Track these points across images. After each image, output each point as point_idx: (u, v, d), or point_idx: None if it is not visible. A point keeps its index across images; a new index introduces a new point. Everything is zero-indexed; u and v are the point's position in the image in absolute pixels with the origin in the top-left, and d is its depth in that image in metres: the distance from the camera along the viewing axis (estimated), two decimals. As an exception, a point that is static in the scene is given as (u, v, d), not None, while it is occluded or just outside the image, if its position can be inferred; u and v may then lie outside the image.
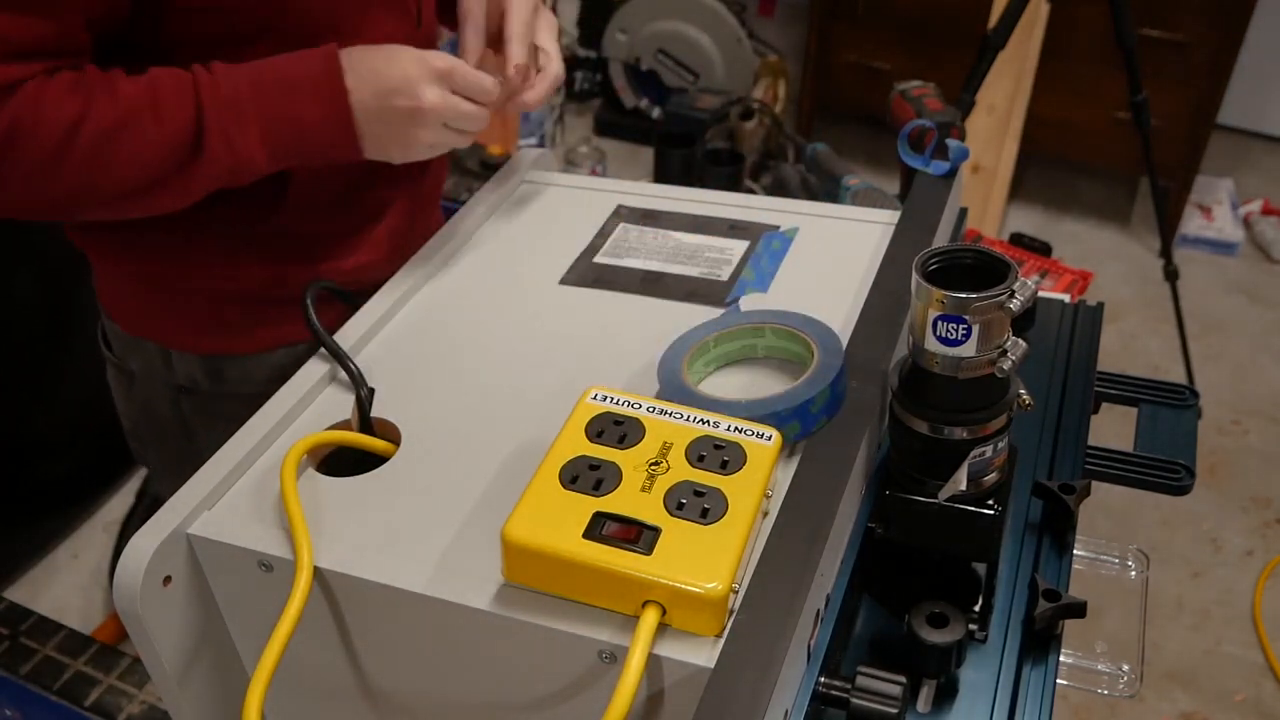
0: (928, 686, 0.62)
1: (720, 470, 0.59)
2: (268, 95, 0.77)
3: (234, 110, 0.76)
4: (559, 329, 0.79)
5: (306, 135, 0.79)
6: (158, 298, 0.93)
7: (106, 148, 0.74)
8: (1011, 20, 1.88)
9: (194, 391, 0.97)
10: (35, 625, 1.08)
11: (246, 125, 0.77)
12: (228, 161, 0.77)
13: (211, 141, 0.76)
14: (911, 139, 0.92)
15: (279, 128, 0.78)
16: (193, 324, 0.94)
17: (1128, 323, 2.61)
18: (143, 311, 0.95)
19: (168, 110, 0.75)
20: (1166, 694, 1.79)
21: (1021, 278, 0.57)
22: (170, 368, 0.96)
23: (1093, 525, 1.98)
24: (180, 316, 0.94)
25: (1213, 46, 2.59)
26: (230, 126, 0.76)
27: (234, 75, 0.77)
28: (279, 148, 0.79)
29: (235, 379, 0.95)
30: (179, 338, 0.95)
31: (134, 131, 0.75)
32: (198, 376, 0.96)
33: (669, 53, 3.16)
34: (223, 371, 0.95)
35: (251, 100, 0.77)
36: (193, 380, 0.96)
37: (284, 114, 0.78)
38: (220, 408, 0.97)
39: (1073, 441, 0.79)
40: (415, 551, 0.61)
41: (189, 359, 0.95)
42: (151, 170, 0.76)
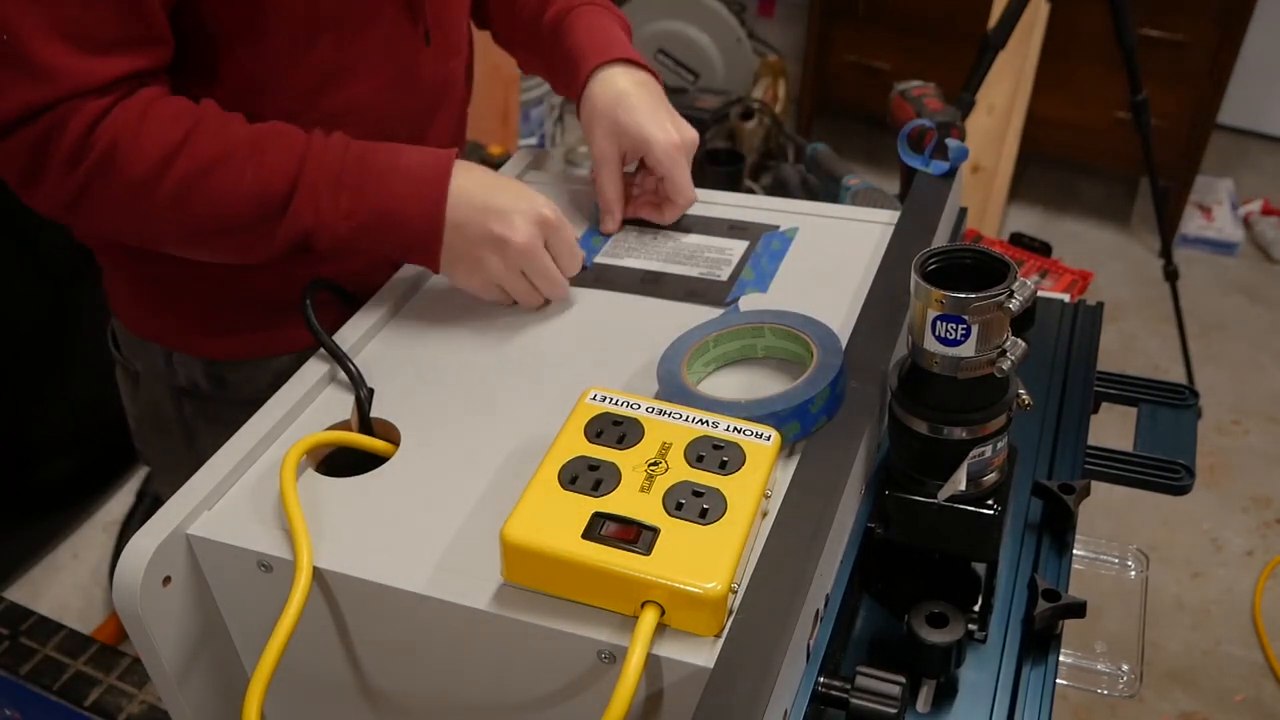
0: (927, 686, 0.62)
1: (719, 470, 0.59)
2: (371, 174, 0.76)
3: (333, 177, 0.76)
4: (559, 329, 0.79)
5: (394, 227, 0.77)
6: (161, 300, 0.93)
7: (197, 182, 0.74)
8: (1011, 20, 1.88)
9: (195, 394, 0.97)
10: (35, 625, 1.08)
11: (338, 196, 0.76)
12: (308, 222, 0.76)
13: (300, 202, 0.75)
14: (911, 139, 0.92)
15: (370, 210, 0.77)
16: (195, 327, 0.94)
17: (1128, 323, 2.61)
18: (146, 312, 0.95)
19: (269, 160, 0.75)
20: (1166, 694, 1.79)
21: (1021, 278, 0.57)
22: (172, 369, 0.96)
23: (1093, 525, 1.98)
24: (183, 319, 0.94)
25: (1213, 46, 2.59)
26: (323, 192, 0.76)
27: (348, 146, 0.77)
28: (363, 229, 0.77)
29: (237, 384, 0.95)
30: (181, 340, 0.95)
31: (227, 172, 0.74)
32: (199, 380, 0.96)
33: (669, 53, 3.17)
34: (224, 376, 0.95)
35: (354, 173, 0.76)
36: (194, 383, 0.96)
37: (379, 199, 0.77)
38: (221, 412, 0.96)
39: (1073, 441, 0.79)
40: (415, 551, 0.61)
41: (191, 362, 0.95)
42: (233, 215, 0.75)
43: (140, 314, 0.96)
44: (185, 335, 0.94)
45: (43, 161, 0.72)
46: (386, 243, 0.79)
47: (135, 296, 0.95)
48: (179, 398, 0.97)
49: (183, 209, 0.75)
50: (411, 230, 0.77)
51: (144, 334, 0.96)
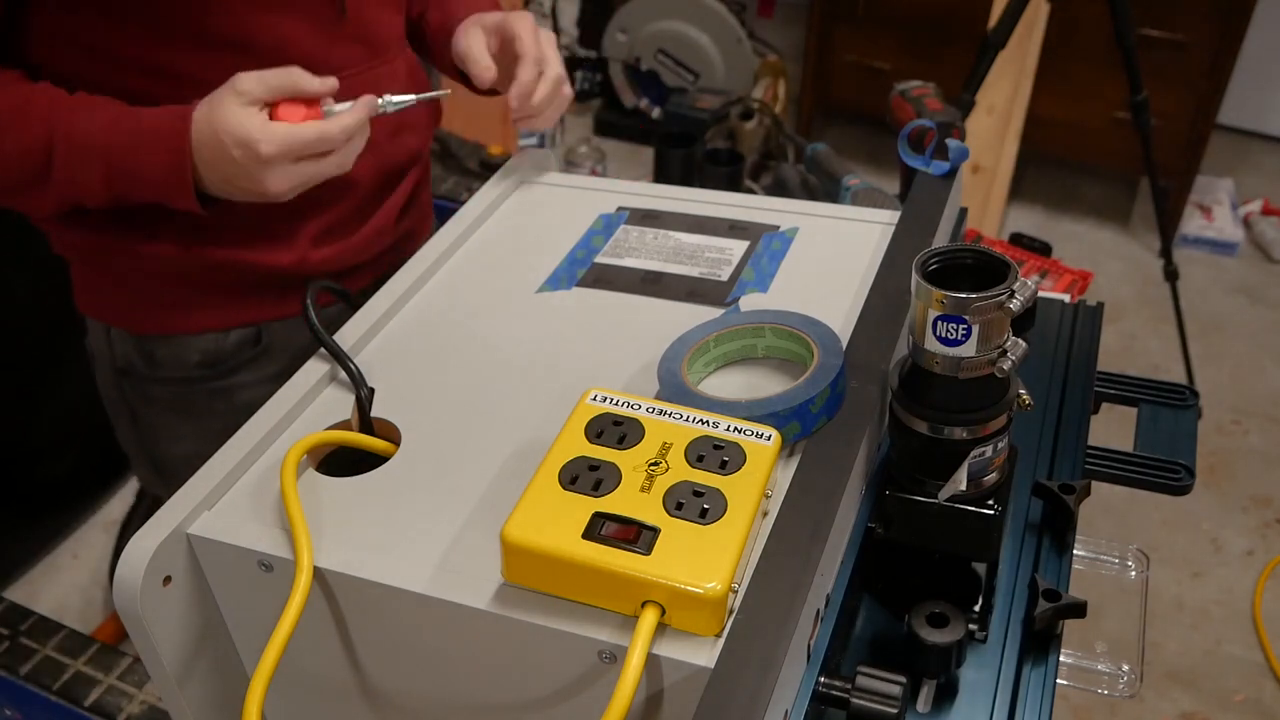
0: (928, 686, 0.62)
1: (719, 470, 0.59)
2: (117, 144, 0.80)
3: (82, 151, 0.80)
4: (559, 329, 0.79)
5: (146, 186, 0.81)
6: (96, 274, 0.96)
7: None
8: (1011, 20, 1.88)
9: (130, 373, 0.99)
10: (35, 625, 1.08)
11: (91, 168, 0.80)
12: (69, 194, 0.81)
13: (57, 174, 0.80)
14: (911, 139, 0.92)
15: (121, 176, 0.81)
16: (125, 301, 0.96)
17: (1128, 323, 2.61)
18: (87, 286, 0.98)
19: (23, 131, 0.79)
20: (1166, 694, 1.79)
21: (1021, 278, 0.57)
22: (111, 348, 0.98)
23: (1093, 525, 1.98)
24: (115, 293, 0.96)
25: (1213, 46, 2.59)
26: (76, 165, 0.80)
27: (93, 115, 0.80)
28: (119, 192, 0.82)
29: (165, 361, 0.97)
30: (115, 315, 0.97)
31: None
32: (133, 358, 0.98)
33: (669, 53, 3.16)
34: (154, 353, 0.97)
35: (100, 147, 0.80)
36: (129, 361, 0.98)
37: (128, 165, 0.80)
38: (155, 392, 1.00)
39: (1073, 441, 0.79)
40: (415, 551, 0.61)
41: (126, 339, 0.97)
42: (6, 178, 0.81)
43: (85, 292, 0.99)
44: (118, 311, 0.97)
45: None
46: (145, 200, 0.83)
47: (81, 275, 0.98)
48: (119, 377, 1.00)
49: None
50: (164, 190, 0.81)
51: (89, 312, 0.99)
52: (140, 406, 1.00)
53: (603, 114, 3.37)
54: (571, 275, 0.85)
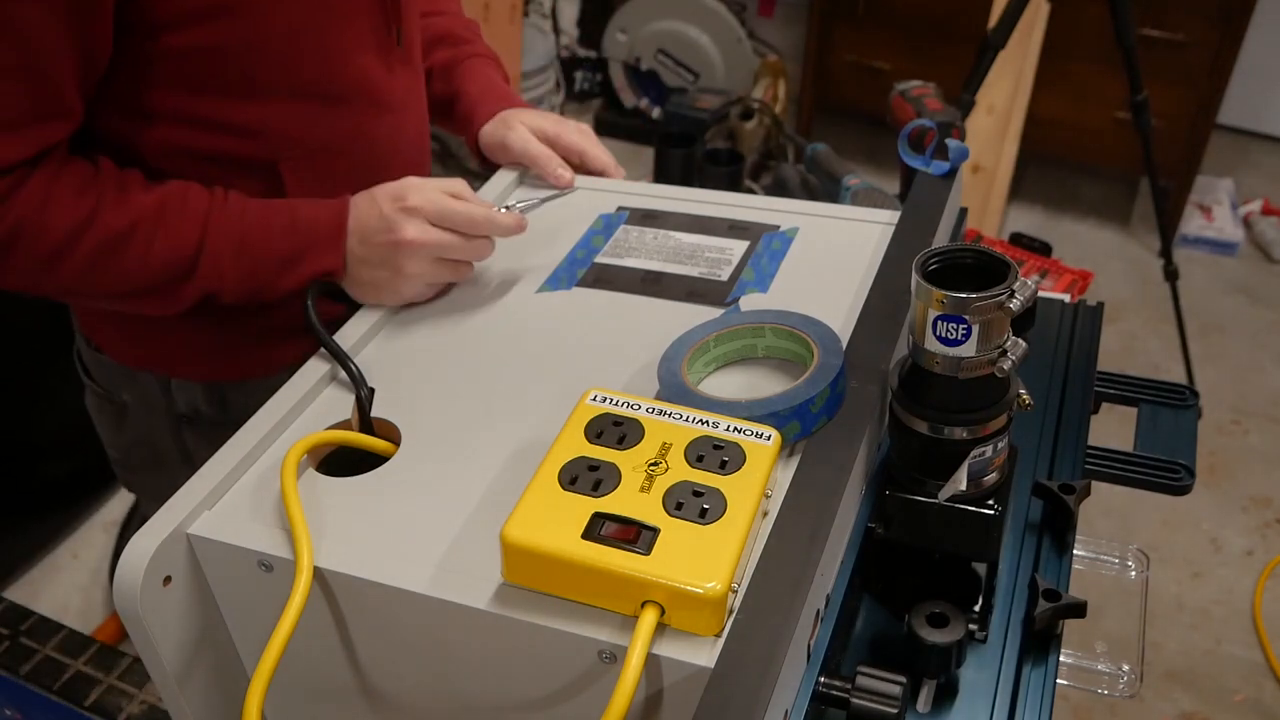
0: (928, 686, 0.62)
1: (719, 470, 0.59)
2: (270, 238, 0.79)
3: (235, 242, 0.79)
4: (559, 329, 0.79)
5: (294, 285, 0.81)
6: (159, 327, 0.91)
7: (106, 256, 0.76)
8: (1011, 20, 1.88)
9: (196, 420, 0.95)
10: (35, 625, 1.08)
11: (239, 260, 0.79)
12: (214, 287, 0.80)
13: (204, 268, 0.78)
14: (911, 139, 0.92)
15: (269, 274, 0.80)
16: (197, 351, 0.93)
17: (1128, 323, 2.61)
18: (138, 341, 0.94)
19: (174, 230, 0.77)
20: (1166, 694, 1.79)
21: (1021, 278, 0.57)
22: (170, 397, 0.94)
23: (1093, 525, 1.98)
24: (184, 345, 0.92)
25: (1213, 46, 2.59)
26: (225, 258, 0.79)
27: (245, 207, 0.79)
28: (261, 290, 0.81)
29: (239, 404, 0.94)
30: (181, 366, 0.93)
31: (135, 245, 0.76)
32: (200, 405, 0.94)
33: (669, 53, 3.16)
34: (226, 397, 0.94)
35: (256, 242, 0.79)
36: (195, 409, 0.95)
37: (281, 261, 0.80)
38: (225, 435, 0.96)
39: (1073, 441, 0.79)
40: (415, 551, 0.61)
41: (190, 387, 0.94)
42: (144, 282, 0.78)
43: (132, 344, 0.94)
44: (186, 360, 0.93)
45: None
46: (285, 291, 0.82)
47: (127, 328, 0.94)
48: (178, 425, 0.96)
49: (92, 280, 0.77)
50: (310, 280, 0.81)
51: (136, 364, 0.94)
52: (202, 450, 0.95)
53: (603, 114, 3.37)
54: (571, 275, 0.85)
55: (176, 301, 0.80)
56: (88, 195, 0.75)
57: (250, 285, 0.80)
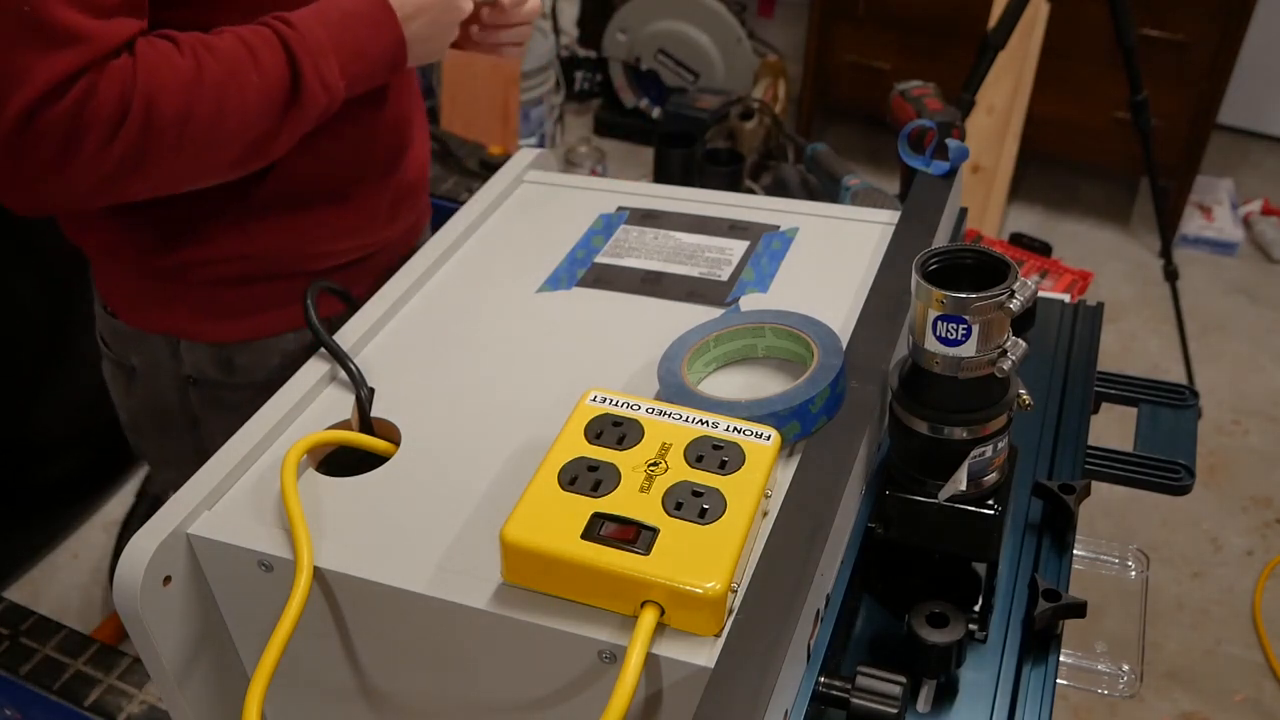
0: (928, 686, 0.62)
1: (719, 470, 0.59)
2: (338, 34, 0.82)
3: (318, 53, 0.81)
4: (559, 329, 0.79)
5: (374, 62, 0.85)
6: (168, 289, 0.93)
7: (224, 101, 0.77)
8: (1011, 20, 1.88)
9: (202, 382, 0.97)
10: (35, 625, 1.08)
11: (330, 64, 0.81)
12: (324, 101, 0.82)
13: (310, 84, 0.80)
14: (911, 139, 0.92)
15: (352, 61, 0.83)
16: (204, 312, 0.94)
17: (1128, 323, 2.61)
18: (147, 302, 0.95)
19: (265, 62, 0.79)
20: (1166, 694, 1.79)
21: (1021, 278, 0.57)
22: (178, 359, 0.96)
23: (1093, 525, 1.98)
24: (191, 306, 0.94)
25: (1213, 46, 2.59)
26: (322, 67, 0.81)
27: (308, 20, 0.82)
28: (354, 78, 0.84)
29: (246, 366, 0.96)
30: (189, 327, 0.95)
31: (242, 83, 0.77)
32: (206, 367, 0.96)
33: (669, 53, 3.16)
34: (233, 360, 0.95)
35: (329, 41, 0.81)
36: (201, 371, 0.96)
37: (355, 48, 0.83)
38: (230, 397, 0.98)
39: (1073, 441, 0.79)
40: (415, 551, 0.61)
41: (198, 349, 0.95)
42: (262, 120, 0.79)
43: (143, 306, 0.96)
44: (194, 322, 0.94)
45: (81, 134, 0.71)
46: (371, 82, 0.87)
47: (138, 289, 0.95)
48: (185, 388, 0.97)
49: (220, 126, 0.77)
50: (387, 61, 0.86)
51: (146, 326, 0.96)
52: (208, 413, 0.99)
53: (603, 114, 3.37)
54: (571, 275, 0.85)
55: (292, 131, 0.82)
56: (185, 54, 0.76)
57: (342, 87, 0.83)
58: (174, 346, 0.95)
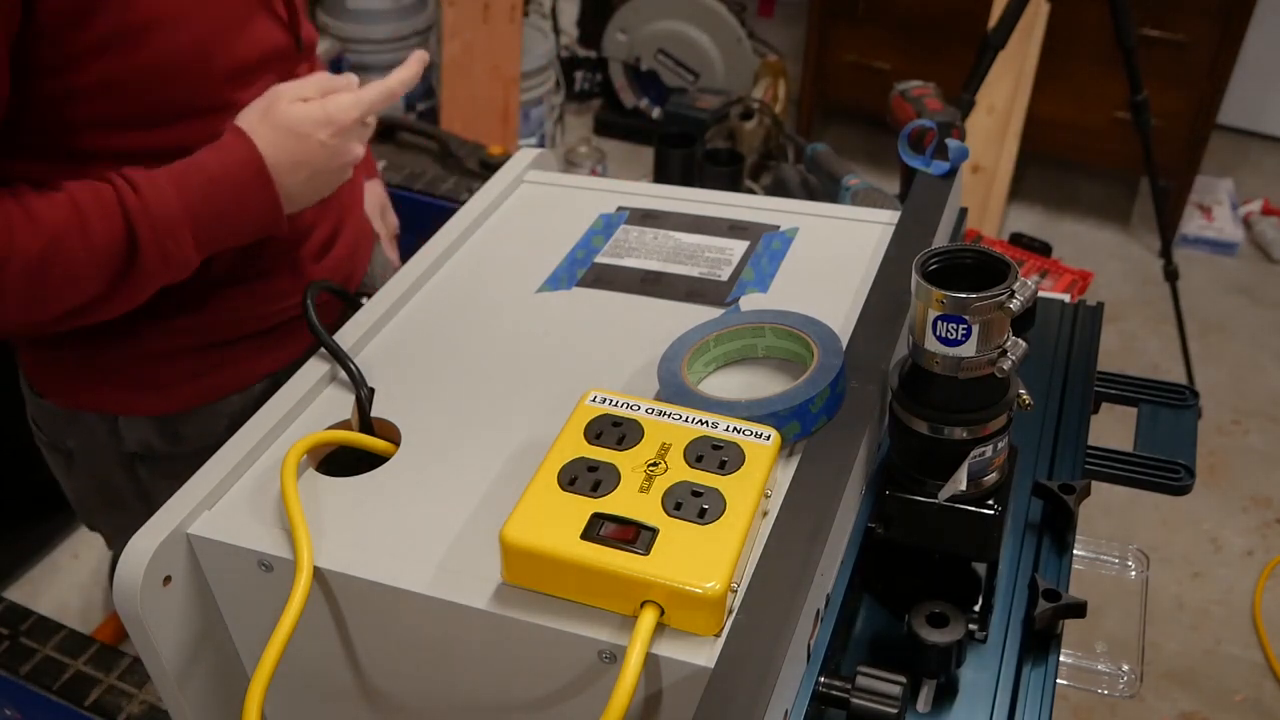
0: (928, 686, 0.62)
1: (719, 470, 0.59)
2: (195, 203, 0.78)
3: (163, 224, 0.77)
4: (559, 329, 0.79)
5: (237, 229, 0.81)
6: (102, 370, 0.91)
7: (38, 279, 0.74)
8: (1011, 20, 1.88)
9: (148, 457, 0.94)
10: (35, 625, 1.08)
11: (179, 235, 0.78)
12: (162, 273, 0.78)
13: (147, 256, 0.77)
14: (912, 139, 0.92)
15: (211, 228, 0.80)
16: (140, 385, 0.91)
17: (1128, 323, 2.61)
18: (83, 382, 0.92)
19: (95, 231, 0.75)
20: (1166, 694, 1.79)
21: (1021, 278, 0.57)
22: (118, 437, 0.93)
23: (1093, 525, 1.98)
24: (129, 382, 0.91)
25: (1213, 46, 2.59)
26: (165, 239, 0.77)
27: (157, 184, 0.77)
28: (212, 243, 0.81)
29: (192, 435, 0.93)
30: (126, 401, 0.92)
31: (64, 258, 0.74)
32: (151, 440, 0.93)
33: (669, 53, 3.16)
34: (178, 430, 0.93)
35: (182, 211, 0.77)
36: (146, 445, 0.93)
37: (214, 216, 0.79)
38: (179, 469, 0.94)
39: (1073, 441, 0.79)
40: (415, 551, 0.61)
41: (139, 424, 0.93)
42: (89, 290, 0.76)
43: (77, 387, 0.93)
44: (132, 398, 0.92)
45: None
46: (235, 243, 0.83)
47: (71, 371, 0.92)
48: (130, 464, 0.95)
49: (36, 306, 0.75)
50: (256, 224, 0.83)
51: (82, 406, 0.93)
52: (159, 485, 0.95)
53: (603, 114, 3.37)
54: (571, 275, 0.85)
55: (131, 295, 0.79)
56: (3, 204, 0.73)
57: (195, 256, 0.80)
58: (111, 424, 0.93)
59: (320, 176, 0.84)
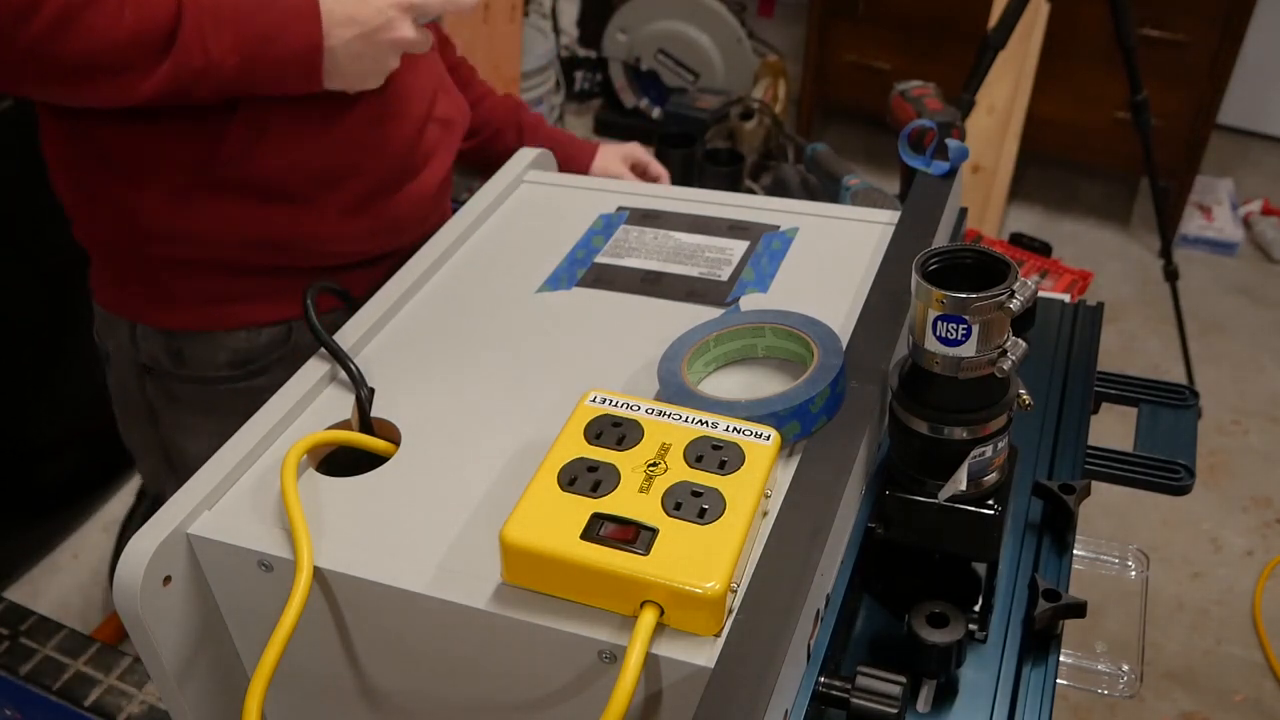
0: (928, 686, 0.62)
1: (718, 470, 0.59)
2: (249, 13, 0.79)
3: (214, 16, 0.78)
4: (559, 329, 0.79)
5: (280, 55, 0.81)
6: (126, 271, 0.95)
7: (78, 12, 0.73)
8: (1011, 20, 1.88)
9: (155, 371, 0.98)
10: (35, 625, 1.08)
11: (223, 34, 0.78)
12: (195, 64, 0.78)
13: (186, 38, 0.77)
14: (912, 139, 0.92)
15: (255, 43, 0.79)
16: (156, 298, 0.95)
17: (1128, 323, 2.61)
18: (114, 285, 0.97)
19: None
20: (1166, 694, 1.79)
21: (1021, 278, 0.57)
22: (136, 345, 0.97)
23: (1093, 525, 1.98)
24: (146, 286, 0.95)
25: (1213, 46, 2.59)
26: (207, 30, 0.77)
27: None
28: (253, 62, 0.80)
29: (194, 359, 0.96)
30: (144, 312, 0.96)
31: (109, 4, 0.74)
32: (159, 355, 0.97)
33: (669, 53, 3.16)
34: (182, 351, 0.96)
35: (231, 13, 0.78)
36: (155, 359, 0.97)
37: (262, 31, 0.79)
38: (180, 390, 0.98)
39: (1073, 441, 0.79)
40: (415, 551, 0.61)
41: (152, 336, 0.96)
42: (116, 50, 0.76)
43: (110, 288, 0.98)
44: (147, 307, 0.96)
45: None
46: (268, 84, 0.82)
47: (108, 269, 0.97)
48: (141, 375, 0.99)
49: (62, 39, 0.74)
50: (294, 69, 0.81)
51: (113, 309, 0.98)
52: (162, 404, 1.00)
53: (603, 114, 3.37)
54: (571, 275, 0.85)
55: (150, 79, 0.78)
56: None
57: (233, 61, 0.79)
58: (133, 331, 0.97)
59: (368, 44, 0.83)
